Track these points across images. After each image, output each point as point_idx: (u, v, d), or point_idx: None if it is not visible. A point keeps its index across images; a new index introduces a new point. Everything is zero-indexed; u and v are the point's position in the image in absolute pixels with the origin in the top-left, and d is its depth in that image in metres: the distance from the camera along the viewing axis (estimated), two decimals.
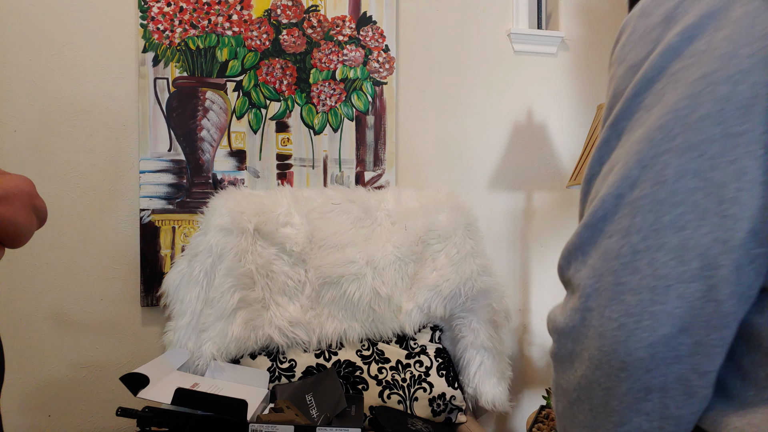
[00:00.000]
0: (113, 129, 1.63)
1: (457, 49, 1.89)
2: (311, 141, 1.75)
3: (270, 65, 1.71)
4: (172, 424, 1.15)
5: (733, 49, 0.44)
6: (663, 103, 0.46)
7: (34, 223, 0.90)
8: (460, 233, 1.59)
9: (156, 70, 1.64)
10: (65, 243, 1.60)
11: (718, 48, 0.45)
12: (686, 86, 0.45)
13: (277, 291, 1.49)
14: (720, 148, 0.44)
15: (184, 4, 1.65)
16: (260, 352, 1.46)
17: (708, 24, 0.46)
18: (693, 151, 0.44)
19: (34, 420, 1.59)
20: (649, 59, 0.48)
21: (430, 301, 1.53)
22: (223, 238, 1.44)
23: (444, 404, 1.48)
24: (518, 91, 1.94)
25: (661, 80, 0.47)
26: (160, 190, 1.64)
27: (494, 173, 1.93)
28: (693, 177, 0.44)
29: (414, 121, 1.86)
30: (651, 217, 0.45)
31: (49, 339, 1.60)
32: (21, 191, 0.86)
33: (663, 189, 0.45)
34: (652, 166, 0.45)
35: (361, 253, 1.54)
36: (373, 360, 1.50)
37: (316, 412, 1.30)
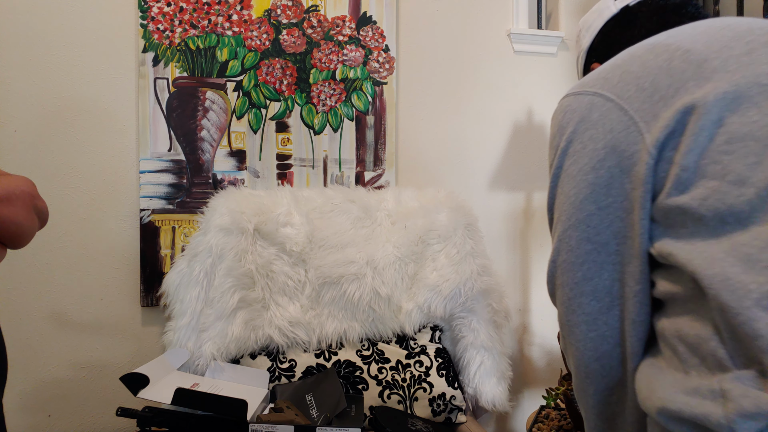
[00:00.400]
0: (113, 129, 1.63)
1: (457, 49, 1.89)
2: (311, 141, 1.75)
3: (270, 65, 1.71)
4: (172, 424, 1.15)
5: (593, 144, 0.62)
6: (564, 192, 0.65)
7: (35, 224, 0.90)
8: (460, 233, 1.59)
9: (156, 70, 1.64)
10: (65, 243, 1.60)
11: (586, 145, 0.63)
12: (571, 179, 0.64)
13: (277, 291, 1.49)
14: (598, 219, 0.62)
15: (184, 4, 1.65)
16: (260, 352, 1.46)
17: (580, 128, 0.64)
18: (582, 224, 0.63)
19: (34, 420, 1.59)
20: (555, 161, 0.68)
21: (430, 301, 1.53)
22: (223, 238, 1.44)
23: (444, 404, 1.48)
24: (518, 91, 1.94)
25: (562, 176, 0.66)
26: (160, 190, 1.64)
27: (494, 173, 1.93)
28: (587, 242, 0.63)
29: (414, 121, 1.86)
30: (570, 275, 0.65)
31: (49, 339, 1.60)
32: (22, 192, 0.86)
33: (572, 254, 0.64)
34: (564, 239, 0.65)
35: (361, 253, 1.54)
36: (373, 360, 1.50)
37: (316, 412, 1.30)
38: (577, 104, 0.66)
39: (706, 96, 0.56)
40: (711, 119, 0.55)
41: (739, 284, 0.49)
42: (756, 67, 0.56)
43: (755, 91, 0.55)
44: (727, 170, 0.53)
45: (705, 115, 0.55)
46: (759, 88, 0.55)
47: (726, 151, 0.54)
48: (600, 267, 0.63)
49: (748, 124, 0.54)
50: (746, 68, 0.56)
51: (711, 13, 1.68)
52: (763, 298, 0.47)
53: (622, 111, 0.61)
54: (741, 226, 0.52)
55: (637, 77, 0.61)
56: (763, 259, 0.49)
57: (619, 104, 0.61)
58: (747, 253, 0.50)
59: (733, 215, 0.52)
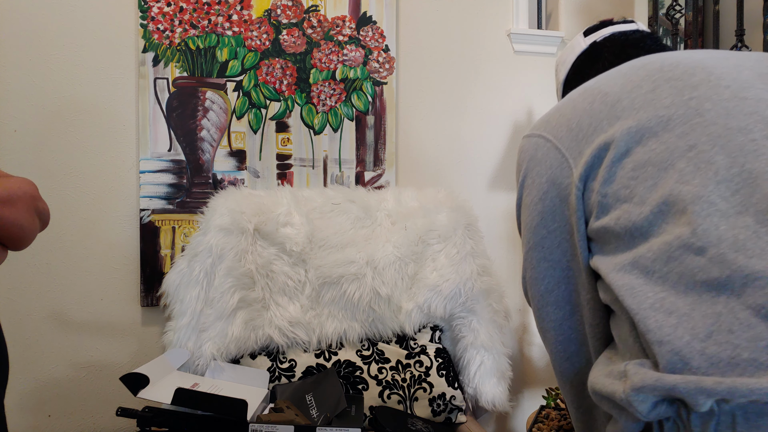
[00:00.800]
0: (113, 129, 1.63)
1: (457, 49, 1.89)
2: (311, 141, 1.75)
3: (270, 65, 1.71)
4: (172, 424, 1.15)
5: (539, 179, 0.74)
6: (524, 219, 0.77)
7: (37, 226, 0.90)
8: (460, 233, 1.59)
9: (156, 70, 1.64)
10: (65, 243, 1.60)
11: (534, 180, 0.75)
12: (527, 208, 0.76)
13: (277, 291, 1.49)
14: (549, 241, 0.74)
15: (184, 4, 1.65)
16: (260, 352, 1.46)
17: (530, 166, 0.76)
18: (539, 246, 0.75)
19: (34, 420, 1.59)
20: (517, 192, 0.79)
21: (430, 301, 1.53)
22: (223, 238, 1.44)
23: (444, 404, 1.48)
24: (518, 91, 1.94)
25: (522, 205, 0.78)
26: (160, 190, 1.64)
27: (494, 173, 1.93)
28: (544, 261, 0.75)
29: (414, 121, 1.86)
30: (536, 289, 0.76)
31: (49, 339, 1.60)
32: (24, 193, 0.86)
33: (534, 271, 0.76)
34: (528, 259, 0.77)
35: (361, 253, 1.54)
36: (373, 360, 1.50)
37: (316, 412, 1.30)
38: (528, 145, 0.77)
39: (615, 133, 0.66)
40: (620, 152, 0.65)
41: (641, 292, 0.59)
42: (657, 102, 0.66)
43: (654, 122, 0.64)
44: (633, 193, 0.63)
45: (615, 149, 0.65)
46: (657, 120, 0.64)
47: (632, 177, 0.63)
48: (557, 281, 0.74)
49: (648, 152, 0.63)
50: (649, 104, 0.66)
51: (711, 13, 1.68)
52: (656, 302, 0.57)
53: (557, 150, 0.72)
54: (644, 239, 0.61)
55: (568, 119, 0.72)
56: (656, 270, 0.59)
57: (555, 144, 0.73)
58: (645, 265, 0.60)
59: (638, 230, 0.62)
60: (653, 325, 0.56)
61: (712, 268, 0.55)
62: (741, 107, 0.62)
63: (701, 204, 0.58)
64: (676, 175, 0.60)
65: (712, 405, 0.52)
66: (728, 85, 0.65)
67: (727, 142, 0.60)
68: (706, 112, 0.63)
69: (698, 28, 1.77)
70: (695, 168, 0.60)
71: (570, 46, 1.04)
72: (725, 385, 0.50)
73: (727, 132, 0.61)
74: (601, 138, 0.67)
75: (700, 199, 0.58)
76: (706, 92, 0.64)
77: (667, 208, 0.60)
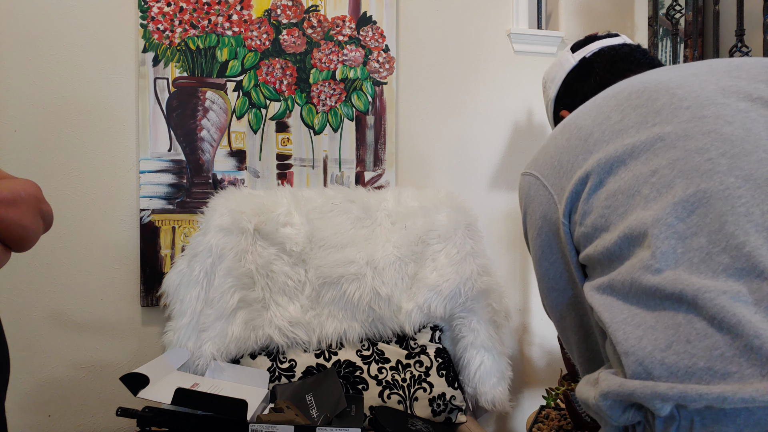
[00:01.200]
0: (113, 129, 1.63)
1: (457, 49, 1.89)
2: (311, 141, 1.75)
3: (270, 65, 1.71)
4: (172, 424, 1.15)
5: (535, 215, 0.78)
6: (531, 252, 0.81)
7: (40, 227, 0.90)
8: (460, 233, 1.59)
9: (156, 70, 1.64)
10: (65, 243, 1.60)
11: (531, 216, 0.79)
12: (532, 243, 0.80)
13: (277, 291, 1.49)
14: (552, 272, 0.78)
15: (184, 4, 1.65)
16: (260, 352, 1.46)
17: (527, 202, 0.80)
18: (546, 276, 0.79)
19: (34, 420, 1.59)
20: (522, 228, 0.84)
21: (430, 301, 1.53)
22: (223, 238, 1.44)
23: (444, 404, 1.48)
24: (518, 91, 1.94)
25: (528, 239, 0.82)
26: (160, 190, 1.64)
27: (494, 173, 1.93)
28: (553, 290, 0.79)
29: (414, 121, 1.86)
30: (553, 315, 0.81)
31: (49, 339, 1.60)
32: (28, 195, 0.86)
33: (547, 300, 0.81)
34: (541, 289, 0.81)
35: (361, 253, 1.54)
36: (373, 360, 1.50)
37: (316, 412, 1.30)
38: (524, 183, 0.82)
39: (589, 166, 0.69)
40: (595, 183, 0.68)
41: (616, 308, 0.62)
42: (624, 132, 0.68)
43: (621, 151, 0.67)
44: (608, 222, 0.66)
45: (591, 181, 0.68)
46: (624, 149, 0.67)
47: (606, 206, 0.66)
48: (567, 307, 0.78)
49: (618, 181, 0.66)
50: (617, 135, 0.69)
51: (711, 13, 1.68)
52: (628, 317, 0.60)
53: (545, 188, 0.76)
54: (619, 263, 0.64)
55: (551, 157, 0.76)
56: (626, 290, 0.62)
57: (543, 182, 0.76)
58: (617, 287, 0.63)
59: (612, 255, 0.65)
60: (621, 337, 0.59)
61: (667, 286, 0.57)
62: (699, 127, 0.64)
63: (660, 227, 0.60)
64: (642, 202, 0.63)
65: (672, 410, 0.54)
66: (688, 106, 0.66)
67: (685, 164, 0.62)
68: (666, 135, 0.65)
69: (698, 29, 1.77)
70: (657, 193, 0.62)
71: (558, 62, 1.05)
72: (677, 390, 0.52)
73: (685, 154, 0.63)
74: (578, 173, 0.70)
75: (659, 222, 0.60)
76: (668, 116, 0.66)
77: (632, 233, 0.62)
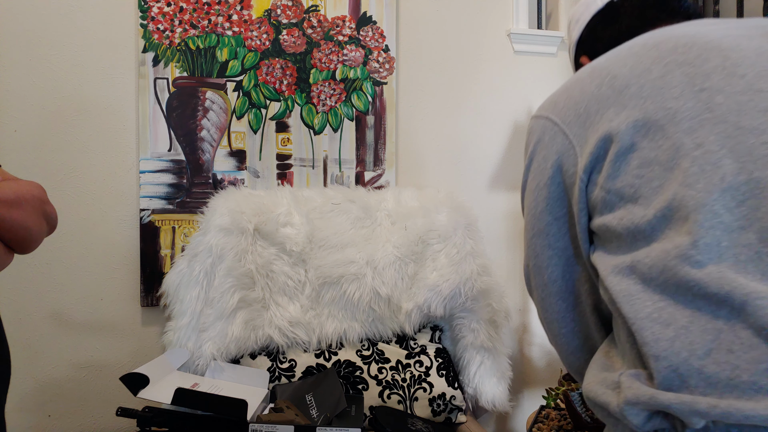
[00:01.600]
0: (113, 129, 1.63)
1: (457, 49, 1.89)
2: (311, 141, 1.75)
3: (270, 65, 1.71)
4: (172, 424, 1.15)
5: (545, 163, 0.70)
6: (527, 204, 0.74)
7: (44, 229, 0.90)
8: (460, 233, 1.59)
9: (156, 70, 1.64)
10: (65, 243, 1.60)
11: (540, 164, 0.71)
12: (531, 192, 0.73)
13: (277, 291, 1.49)
14: (555, 228, 0.70)
15: (184, 4, 1.65)
16: (260, 352, 1.46)
17: (537, 149, 0.72)
18: (543, 233, 0.71)
19: (34, 420, 1.59)
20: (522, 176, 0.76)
21: (430, 301, 1.53)
22: (223, 238, 1.44)
23: (444, 404, 1.48)
24: (518, 91, 1.94)
25: (526, 188, 0.75)
26: (160, 190, 1.64)
27: (494, 173, 1.93)
28: (548, 248, 0.71)
29: (414, 121, 1.86)
30: (540, 278, 0.74)
31: (49, 339, 1.60)
32: (32, 197, 0.86)
33: (538, 259, 0.73)
34: (531, 246, 0.74)
35: (361, 253, 1.54)
36: (373, 360, 1.50)
37: (316, 412, 1.30)
38: (537, 127, 0.73)
39: (621, 124, 0.61)
40: (625, 145, 0.61)
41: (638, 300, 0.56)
42: (666, 91, 0.61)
43: (661, 115, 0.59)
44: (638, 193, 0.59)
45: (620, 142, 0.61)
46: (664, 113, 0.59)
47: (637, 175, 0.60)
48: (562, 270, 0.71)
49: (654, 149, 0.59)
50: (658, 93, 0.61)
51: (711, 13, 1.68)
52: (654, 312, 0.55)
53: (564, 135, 0.68)
54: (645, 243, 0.58)
55: (576, 103, 0.68)
56: (653, 277, 0.56)
57: (562, 129, 0.68)
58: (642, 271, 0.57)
59: (640, 233, 0.59)
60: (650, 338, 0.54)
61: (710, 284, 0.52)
62: (755, 102, 0.57)
63: (704, 213, 0.54)
64: (680, 176, 0.56)
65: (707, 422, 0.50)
66: (744, 74, 0.58)
67: (736, 144, 0.56)
68: (716, 106, 0.57)
69: None
70: (700, 170, 0.56)
71: (584, 2, 0.93)
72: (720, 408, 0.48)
73: (737, 132, 0.56)
74: (606, 127, 0.63)
75: (704, 208, 0.54)
76: (719, 83, 0.59)
77: (671, 213, 0.56)
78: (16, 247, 0.84)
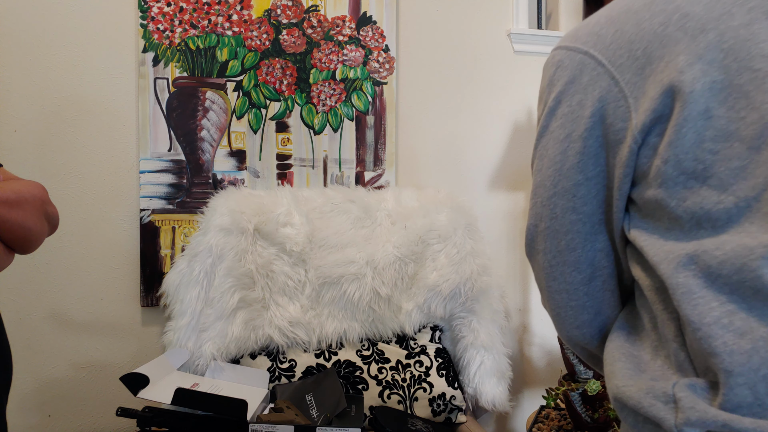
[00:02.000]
0: (113, 129, 1.63)
1: (457, 49, 1.89)
2: (311, 141, 1.75)
3: (270, 65, 1.71)
4: (172, 424, 1.15)
5: (582, 110, 0.57)
6: (548, 156, 0.61)
7: (45, 229, 0.90)
8: (460, 233, 1.59)
9: (156, 70, 1.64)
10: (65, 243, 1.60)
11: (574, 110, 0.58)
12: (557, 143, 0.60)
13: (277, 291, 1.49)
14: (585, 189, 0.59)
15: (184, 4, 1.65)
16: (260, 352, 1.46)
17: (569, 90, 0.58)
18: (569, 194, 0.60)
19: (34, 420, 1.59)
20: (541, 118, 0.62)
21: (430, 301, 1.53)
22: (223, 238, 1.44)
23: (444, 404, 1.48)
24: (518, 91, 1.94)
25: (546, 135, 0.61)
26: (160, 190, 1.64)
27: (494, 173, 1.93)
28: (573, 212, 0.60)
29: (414, 121, 1.86)
30: (554, 243, 0.62)
31: (49, 339, 1.60)
32: (33, 197, 0.86)
33: (556, 222, 0.61)
34: (548, 206, 0.62)
35: (361, 253, 1.54)
36: (373, 360, 1.50)
37: (316, 412, 1.30)
38: (568, 61, 0.59)
39: (695, 81, 0.50)
40: (697, 110, 0.50)
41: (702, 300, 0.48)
42: (753, 45, 0.49)
43: (746, 78, 0.49)
44: (710, 172, 0.50)
45: (691, 104, 0.50)
46: (751, 75, 0.49)
47: (710, 150, 0.50)
48: (584, 238, 0.60)
49: (736, 121, 0.49)
50: (742, 47, 0.49)
51: None
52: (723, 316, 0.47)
53: (614, 81, 0.55)
54: (714, 233, 0.49)
55: (631, 41, 0.54)
56: (723, 274, 0.48)
57: (610, 72, 0.55)
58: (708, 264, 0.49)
59: (709, 221, 0.50)
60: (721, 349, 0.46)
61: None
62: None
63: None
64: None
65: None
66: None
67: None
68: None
69: None
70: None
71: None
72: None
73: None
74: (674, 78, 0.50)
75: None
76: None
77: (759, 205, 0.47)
78: (17, 247, 0.84)
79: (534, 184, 0.64)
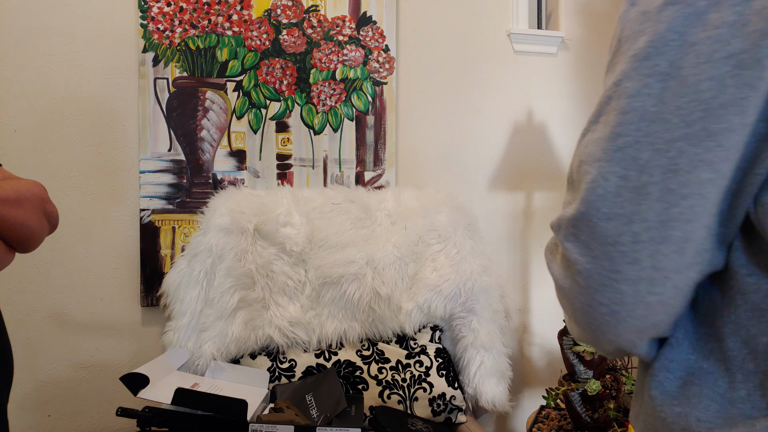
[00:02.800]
0: (113, 129, 1.63)
1: (457, 49, 1.89)
2: (311, 141, 1.75)
3: (270, 65, 1.71)
4: (172, 424, 1.15)
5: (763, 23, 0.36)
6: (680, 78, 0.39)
7: (45, 228, 0.90)
8: (460, 233, 1.59)
9: (156, 70, 1.64)
10: (65, 243, 1.60)
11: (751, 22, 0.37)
12: (710, 64, 0.38)
13: (277, 291, 1.49)
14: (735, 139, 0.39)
15: (184, 4, 1.65)
16: (260, 352, 1.46)
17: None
18: (711, 140, 0.39)
19: (34, 420, 1.59)
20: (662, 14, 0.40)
21: (430, 301, 1.53)
22: (223, 238, 1.44)
23: (444, 404, 1.48)
24: (518, 91, 1.94)
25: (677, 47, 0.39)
26: (160, 190, 1.64)
27: (494, 173, 1.93)
28: (707, 168, 0.39)
29: (414, 121, 1.86)
30: (658, 207, 0.41)
31: (49, 339, 1.60)
32: (33, 195, 0.86)
33: (675, 179, 0.40)
34: (665, 152, 0.40)
35: (361, 253, 1.54)
36: (373, 360, 1.50)
37: (316, 412, 1.30)
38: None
39: None
40: None
41: None
42: None
43: None
44: None
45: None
46: None
47: None
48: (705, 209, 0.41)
49: None
50: None
51: None
52: None
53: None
54: None
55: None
56: None
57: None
58: None
59: None
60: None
61: None
62: None
63: None
64: None
65: None
66: None
67: None
68: None
69: None
70: None
71: None
72: None
73: None
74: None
75: None
76: None
77: None
78: (17, 246, 0.84)
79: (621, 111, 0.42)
